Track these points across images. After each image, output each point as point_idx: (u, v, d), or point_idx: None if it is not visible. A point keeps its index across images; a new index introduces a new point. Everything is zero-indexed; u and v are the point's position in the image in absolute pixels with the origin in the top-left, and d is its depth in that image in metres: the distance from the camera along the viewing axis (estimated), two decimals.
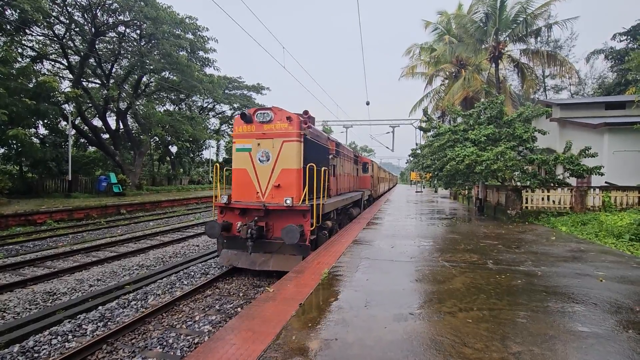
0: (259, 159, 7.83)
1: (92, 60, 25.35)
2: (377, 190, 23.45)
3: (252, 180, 7.86)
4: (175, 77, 29.76)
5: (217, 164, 8.83)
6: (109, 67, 27.28)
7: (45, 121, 23.03)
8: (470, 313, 3.92)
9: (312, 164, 7.69)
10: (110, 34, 26.12)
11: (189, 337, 4.95)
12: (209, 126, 44.40)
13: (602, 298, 4.44)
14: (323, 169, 8.57)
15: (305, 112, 8.30)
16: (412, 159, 28.36)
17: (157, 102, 35.19)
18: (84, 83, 26.32)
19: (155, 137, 32.97)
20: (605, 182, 13.36)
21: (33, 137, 22.62)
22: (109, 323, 5.47)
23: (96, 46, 25.14)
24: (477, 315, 3.87)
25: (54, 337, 4.96)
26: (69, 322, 5.45)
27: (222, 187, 8.64)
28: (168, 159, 42.90)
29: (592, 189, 12.54)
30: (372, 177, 19.38)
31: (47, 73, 24.52)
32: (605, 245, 8.15)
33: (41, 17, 19.76)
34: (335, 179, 11.06)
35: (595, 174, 11.64)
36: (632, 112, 16.80)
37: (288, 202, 7.17)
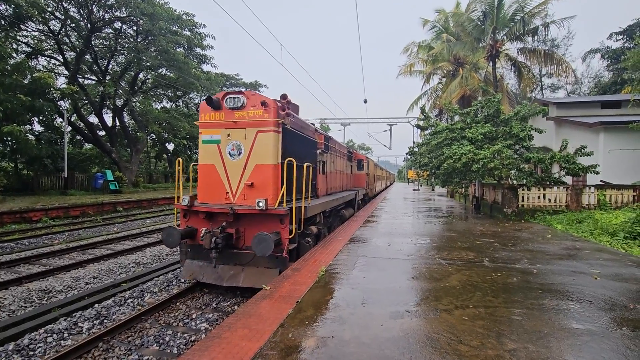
0: (229, 153, 6.64)
1: (88, 56, 25.16)
2: (373, 189, 23.11)
3: (221, 177, 6.69)
4: (172, 74, 29.59)
5: (180, 158, 7.57)
6: (105, 63, 27.10)
7: (41, 118, 22.84)
8: (466, 310, 3.95)
9: (292, 158, 6.65)
10: (106, 30, 25.92)
11: (185, 335, 4.95)
12: None
13: (596, 295, 4.48)
14: (306, 164, 7.25)
15: (284, 97, 7.04)
16: (409, 157, 28.48)
17: (154, 99, 34.96)
18: (80, 79, 26.13)
19: (152, 135, 32.81)
20: (601, 181, 13.47)
21: (28, 134, 22.44)
22: (105, 321, 5.45)
23: (92, 42, 24.94)
24: (473, 312, 3.90)
25: (49, 335, 4.93)
26: (65, 320, 5.42)
27: (189, 186, 7.52)
28: (165, 156, 42.70)
29: (587, 188, 12.63)
30: (367, 175, 18.93)
31: (42, 69, 24.31)
32: (600, 243, 8.23)
33: (36, 13, 19.62)
34: (324, 177, 10.17)
35: (591, 173, 11.71)
36: (628, 111, 16.91)
37: (261, 204, 6.01)
